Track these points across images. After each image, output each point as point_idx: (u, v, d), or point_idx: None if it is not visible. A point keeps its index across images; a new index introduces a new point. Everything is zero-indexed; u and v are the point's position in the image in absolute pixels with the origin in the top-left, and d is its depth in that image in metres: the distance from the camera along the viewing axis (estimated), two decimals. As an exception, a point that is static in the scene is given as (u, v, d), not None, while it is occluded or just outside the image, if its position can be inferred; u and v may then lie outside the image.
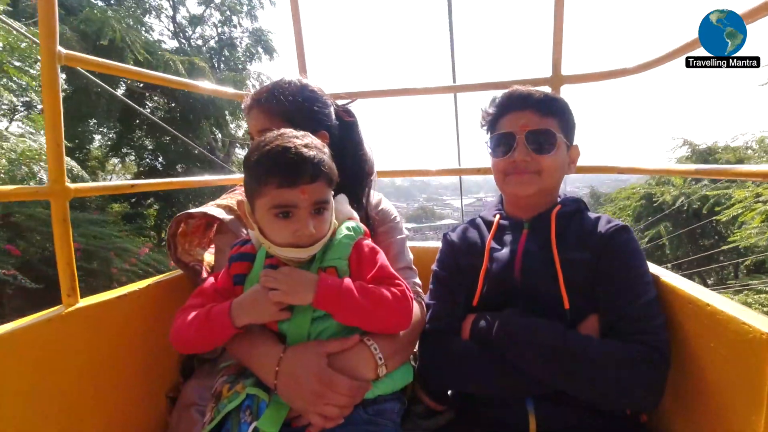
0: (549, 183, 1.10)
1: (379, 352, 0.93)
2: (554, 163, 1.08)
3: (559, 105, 1.11)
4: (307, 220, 0.86)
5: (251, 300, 0.89)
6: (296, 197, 0.85)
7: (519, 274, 1.06)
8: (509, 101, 1.12)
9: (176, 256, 1.25)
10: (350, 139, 1.26)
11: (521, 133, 1.08)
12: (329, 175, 0.90)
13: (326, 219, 0.91)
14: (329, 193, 0.92)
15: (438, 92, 1.70)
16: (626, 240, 1.02)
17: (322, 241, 0.90)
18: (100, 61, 1.12)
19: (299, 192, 0.85)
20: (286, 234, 0.86)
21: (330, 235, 0.94)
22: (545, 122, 1.07)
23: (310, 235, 0.87)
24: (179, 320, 0.92)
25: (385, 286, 0.91)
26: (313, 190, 0.86)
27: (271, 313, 0.88)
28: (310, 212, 0.87)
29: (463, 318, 1.09)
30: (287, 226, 0.86)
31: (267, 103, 1.14)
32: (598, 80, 1.38)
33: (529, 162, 1.07)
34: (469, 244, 1.19)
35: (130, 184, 1.15)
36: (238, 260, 0.98)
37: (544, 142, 1.07)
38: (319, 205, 0.88)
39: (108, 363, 1.09)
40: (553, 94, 1.12)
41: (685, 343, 0.93)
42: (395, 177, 1.80)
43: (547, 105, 1.08)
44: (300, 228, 0.86)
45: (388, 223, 1.24)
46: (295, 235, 0.86)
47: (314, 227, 0.87)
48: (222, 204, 1.28)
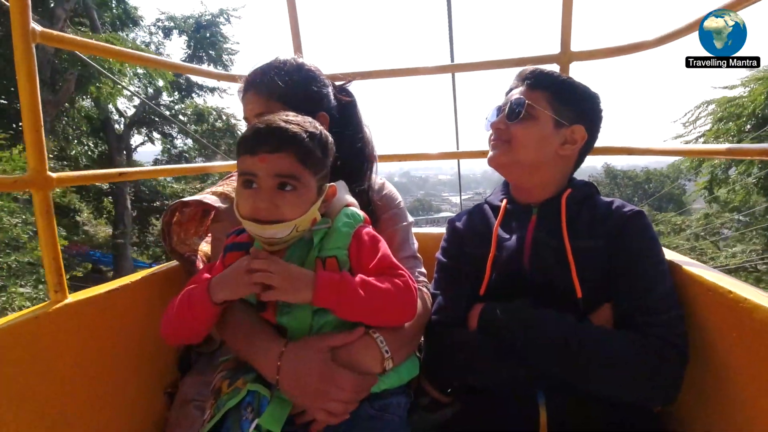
0: (524, 155, 1.06)
1: (385, 345, 0.89)
2: (526, 132, 1.05)
3: (549, 78, 1.08)
4: (266, 192, 0.81)
5: (229, 272, 0.85)
6: (255, 165, 0.82)
7: (528, 263, 1.02)
8: (517, 78, 1.12)
9: (171, 247, 1.20)
10: (349, 121, 1.21)
11: (506, 105, 1.08)
12: (303, 151, 0.83)
13: (294, 200, 0.83)
14: (301, 171, 0.84)
15: (436, 72, 1.63)
16: (641, 226, 0.98)
17: (287, 224, 0.82)
18: (77, 39, 1.04)
19: (258, 160, 0.81)
20: (246, 204, 0.83)
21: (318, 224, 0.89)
22: (531, 95, 1.06)
23: (267, 209, 0.81)
24: (168, 310, 0.89)
25: (387, 277, 0.87)
26: (273, 161, 0.81)
27: (246, 284, 0.82)
28: (273, 187, 0.82)
29: (469, 308, 1.05)
30: (249, 196, 0.82)
31: (262, 86, 1.08)
32: (610, 57, 1.31)
33: (502, 131, 1.07)
34: (475, 231, 1.15)
35: (118, 172, 1.08)
36: (233, 250, 0.94)
37: (518, 110, 1.05)
38: (282, 179, 0.82)
39: (101, 360, 1.04)
40: (550, 71, 1.09)
41: (706, 334, 0.89)
42: (392, 161, 1.75)
43: (537, 79, 1.07)
44: (258, 199, 0.81)
45: (392, 209, 1.19)
46: (254, 207, 0.82)
47: (278, 204, 0.81)
48: (218, 191, 1.23)
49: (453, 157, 1.75)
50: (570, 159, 1.10)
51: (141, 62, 1.32)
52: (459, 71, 1.72)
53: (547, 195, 1.08)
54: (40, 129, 0.91)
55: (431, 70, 1.61)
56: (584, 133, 1.08)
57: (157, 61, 1.38)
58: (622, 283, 0.94)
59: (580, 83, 1.10)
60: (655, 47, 1.18)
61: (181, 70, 1.57)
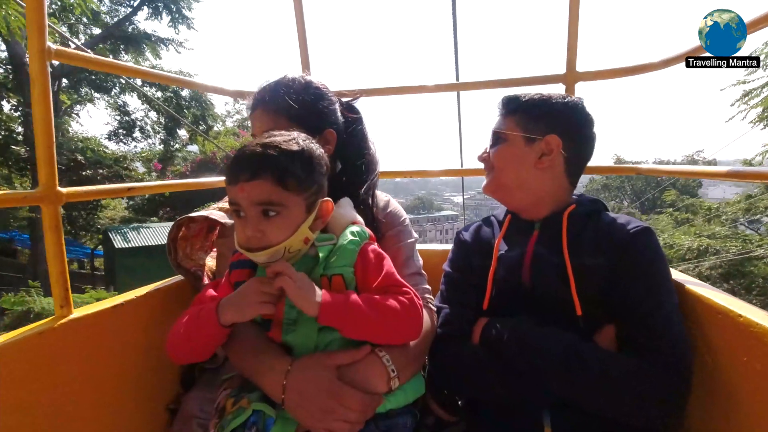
0: (504, 178, 1.11)
1: (391, 364, 0.88)
2: (501, 156, 1.11)
3: (516, 102, 1.11)
4: (251, 220, 0.81)
5: (236, 294, 0.85)
6: (237, 195, 0.82)
7: (528, 278, 1.02)
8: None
9: (176, 262, 1.20)
10: (355, 137, 1.22)
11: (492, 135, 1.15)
12: (280, 174, 0.81)
13: (279, 224, 0.82)
14: (281, 194, 0.82)
15: (441, 90, 1.65)
16: (647, 243, 0.97)
17: (276, 249, 0.82)
18: (91, 56, 1.06)
19: (238, 190, 0.82)
20: (239, 233, 0.84)
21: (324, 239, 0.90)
22: (503, 122, 1.12)
23: (255, 238, 0.81)
24: (174, 328, 0.88)
25: (391, 295, 0.87)
26: (252, 189, 0.81)
27: (254, 306, 0.82)
28: (257, 215, 0.81)
29: (474, 322, 1.05)
30: (240, 225, 0.84)
31: (271, 103, 1.09)
32: (617, 77, 1.33)
33: (486, 159, 1.16)
34: (481, 243, 1.16)
35: (127, 187, 1.09)
36: (239, 267, 0.93)
37: (495, 138, 1.13)
38: (264, 207, 0.81)
39: (104, 376, 1.04)
40: (516, 95, 1.13)
41: (714, 358, 0.88)
42: (395, 177, 1.76)
43: (507, 106, 1.13)
44: (246, 227, 0.82)
45: (396, 226, 1.19)
46: (244, 235, 0.82)
47: (264, 230, 0.81)
48: (224, 207, 1.24)
49: (456, 174, 1.76)
50: (555, 170, 1.07)
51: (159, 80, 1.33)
52: (464, 90, 1.74)
53: (549, 211, 1.08)
54: (51, 145, 0.92)
55: (436, 89, 1.63)
56: (558, 140, 1.05)
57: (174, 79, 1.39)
58: (625, 302, 0.93)
59: (556, 96, 1.10)
60: (661, 69, 1.19)
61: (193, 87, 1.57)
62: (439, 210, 79.04)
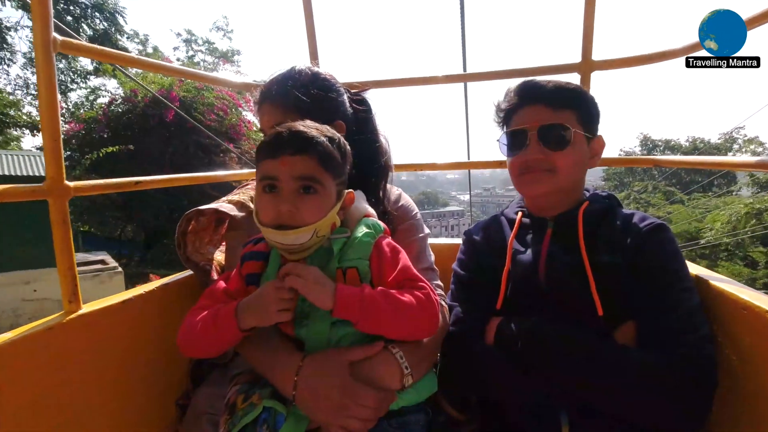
0: (566, 181, 1.03)
1: (404, 361, 0.87)
2: (570, 159, 1.01)
3: (575, 95, 1.03)
4: (289, 195, 0.81)
5: (255, 299, 0.83)
6: (277, 168, 0.81)
7: (544, 278, 1.00)
8: (521, 94, 1.05)
9: (186, 256, 1.18)
10: (365, 130, 1.20)
11: (533, 129, 1.01)
12: (324, 153, 0.83)
13: (316, 203, 0.83)
14: (322, 174, 0.84)
15: (449, 81, 1.62)
16: (663, 240, 0.95)
17: (308, 228, 0.81)
18: (97, 48, 1.04)
19: (279, 163, 0.81)
20: (269, 210, 0.82)
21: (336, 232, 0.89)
22: (559, 116, 1.00)
23: (289, 213, 0.80)
24: (187, 321, 0.87)
25: (408, 290, 0.85)
26: (295, 163, 0.81)
27: (271, 314, 0.80)
28: (295, 190, 0.81)
29: (486, 321, 1.03)
30: (271, 201, 0.82)
31: (279, 96, 1.08)
32: (635, 65, 1.27)
33: (542, 160, 1.01)
34: (490, 243, 1.13)
35: (135, 180, 1.07)
36: (251, 259, 0.92)
37: (558, 137, 1.00)
38: (305, 182, 0.82)
39: (114, 371, 1.03)
40: (567, 83, 1.05)
41: (739, 355, 0.86)
42: (404, 171, 1.74)
43: (561, 96, 1.01)
44: (280, 202, 0.81)
45: (408, 220, 1.17)
46: (276, 211, 0.81)
47: (300, 207, 0.81)
48: (233, 200, 1.22)
49: (464, 167, 1.73)
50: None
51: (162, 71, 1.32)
52: (472, 81, 1.70)
53: (563, 208, 1.06)
54: (58, 138, 0.90)
55: (446, 80, 1.60)
56: (603, 141, 1.07)
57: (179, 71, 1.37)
58: (645, 301, 0.90)
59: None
60: (682, 56, 1.14)
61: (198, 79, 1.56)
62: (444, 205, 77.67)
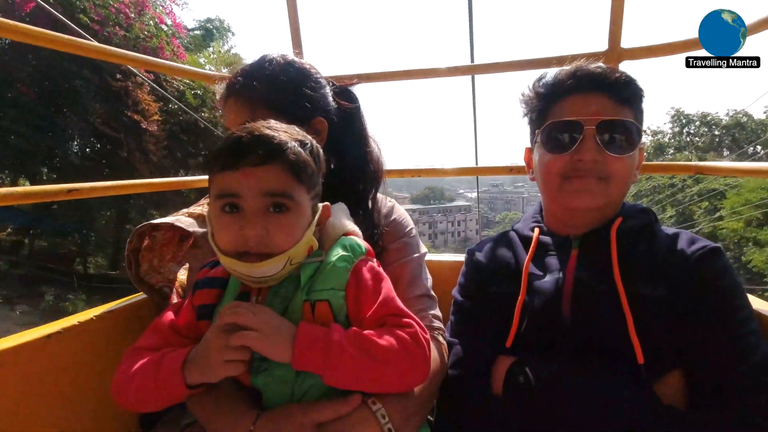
0: (618, 195, 0.85)
1: (387, 421, 0.71)
2: (629, 168, 0.83)
3: (639, 91, 0.84)
4: (256, 216, 0.66)
5: (200, 350, 0.67)
6: (238, 183, 0.66)
7: (569, 311, 0.81)
8: (574, 79, 0.84)
9: (138, 277, 1.02)
10: (352, 131, 1.03)
11: (592, 123, 0.81)
12: (296, 162, 0.67)
13: (289, 223, 0.68)
14: (294, 187, 0.68)
15: (453, 74, 1.45)
16: (720, 269, 0.77)
17: (280, 258, 0.66)
18: (40, 32, 0.88)
19: (241, 176, 0.65)
20: (231, 234, 0.66)
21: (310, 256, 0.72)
22: (623, 112, 0.82)
23: (257, 238, 0.64)
24: (123, 368, 0.70)
25: (389, 329, 0.69)
26: (261, 175, 0.66)
27: (215, 367, 0.65)
28: (263, 209, 0.66)
29: (492, 362, 0.85)
30: (232, 223, 0.66)
31: (245, 91, 0.92)
32: (671, 54, 1.08)
33: (599, 163, 0.81)
34: (499, 266, 0.94)
35: (67, 188, 0.90)
36: (205, 287, 0.77)
37: (623, 138, 0.81)
38: (275, 199, 0.66)
39: (44, 412, 0.86)
40: (630, 76, 0.85)
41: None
42: (403, 177, 1.57)
43: (628, 89, 0.82)
44: (244, 225, 0.65)
45: (402, 237, 1.00)
46: (239, 236, 0.65)
47: (270, 231, 0.65)
48: (195, 212, 1.05)
49: (472, 173, 1.55)
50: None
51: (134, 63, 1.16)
52: (481, 73, 1.52)
53: (592, 225, 0.87)
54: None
55: (448, 72, 1.42)
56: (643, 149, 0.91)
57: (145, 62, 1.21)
58: (700, 347, 0.72)
59: None
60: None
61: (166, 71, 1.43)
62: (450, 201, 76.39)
